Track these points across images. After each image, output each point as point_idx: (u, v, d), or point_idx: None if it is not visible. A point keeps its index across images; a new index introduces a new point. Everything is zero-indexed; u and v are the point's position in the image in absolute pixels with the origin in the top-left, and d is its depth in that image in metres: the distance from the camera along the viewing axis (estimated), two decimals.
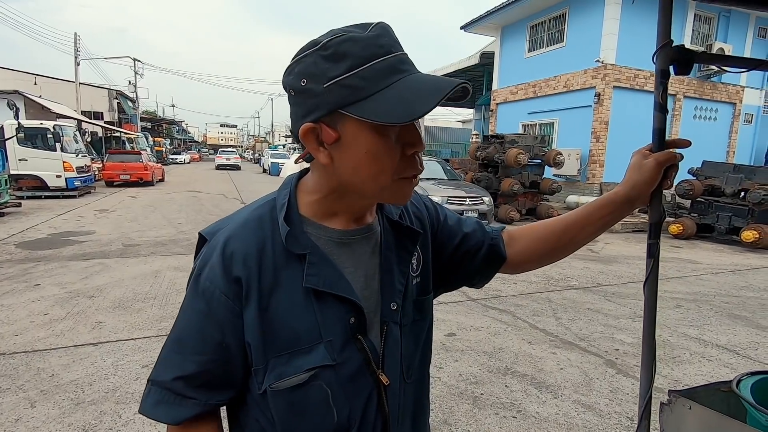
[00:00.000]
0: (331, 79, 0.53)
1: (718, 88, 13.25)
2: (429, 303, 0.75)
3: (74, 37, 23.04)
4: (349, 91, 0.53)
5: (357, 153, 0.56)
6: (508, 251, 0.82)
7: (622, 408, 2.57)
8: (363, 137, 0.55)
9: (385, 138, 0.56)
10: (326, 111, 0.55)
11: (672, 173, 0.74)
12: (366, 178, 0.58)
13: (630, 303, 4.55)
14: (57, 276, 4.82)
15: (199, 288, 0.61)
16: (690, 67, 0.73)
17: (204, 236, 0.65)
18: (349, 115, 0.54)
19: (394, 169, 0.58)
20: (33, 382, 2.66)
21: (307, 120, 0.56)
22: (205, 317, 0.60)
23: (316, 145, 0.58)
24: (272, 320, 0.60)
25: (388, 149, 0.56)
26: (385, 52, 0.54)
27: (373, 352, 0.64)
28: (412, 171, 0.59)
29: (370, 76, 0.53)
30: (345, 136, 0.56)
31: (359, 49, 0.53)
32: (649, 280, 0.77)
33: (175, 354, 0.61)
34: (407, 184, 0.60)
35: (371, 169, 0.57)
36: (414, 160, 0.59)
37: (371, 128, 0.55)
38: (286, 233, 0.61)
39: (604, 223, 0.78)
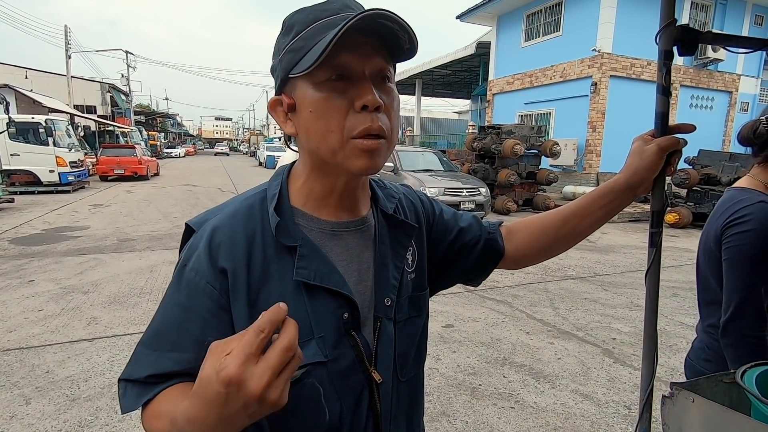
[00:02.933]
0: (282, 49, 0.57)
1: (714, 76, 13.21)
2: (425, 300, 0.73)
3: (65, 30, 22.67)
4: (293, 54, 0.55)
5: (305, 114, 0.56)
6: (506, 246, 0.79)
7: (620, 397, 2.58)
8: (308, 96, 0.55)
9: (327, 93, 0.55)
10: (281, 79, 0.57)
11: (675, 159, 0.72)
12: (317, 141, 0.56)
13: (627, 292, 4.56)
14: (51, 272, 4.78)
15: (183, 279, 0.58)
16: (695, 47, 0.70)
17: (191, 227, 0.62)
18: (294, 77, 0.56)
19: (341, 127, 0.54)
20: (28, 379, 2.64)
21: (275, 93, 0.60)
22: (187, 311, 0.57)
23: (283, 117, 0.60)
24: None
25: (331, 105, 0.54)
26: (330, 15, 0.55)
27: (366, 349, 0.62)
28: (361, 126, 0.54)
29: (309, 35, 0.54)
30: (297, 100, 0.57)
31: (304, 15, 0.56)
32: (651, 270, 0.75)
33: (151, 350, 0.57)
34: (361, 144, 0.54)
35: (318, 128, 0.55)
36: (365, 115, 0.54)
37: (314, 85, 0.55)
38: (276, 224, 0.58)
39: (606, 212, 0.75)
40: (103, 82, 27.34)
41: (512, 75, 14.83)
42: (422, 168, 8.58)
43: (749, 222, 1.08)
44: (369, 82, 0.55)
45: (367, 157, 0.55)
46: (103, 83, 27.11)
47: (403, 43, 0.55)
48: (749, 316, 1.07)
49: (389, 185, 0.75)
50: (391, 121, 0.58)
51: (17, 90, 15.18)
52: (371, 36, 0.54)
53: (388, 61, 0.57)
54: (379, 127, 0.55)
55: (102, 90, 26.78)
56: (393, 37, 0.54)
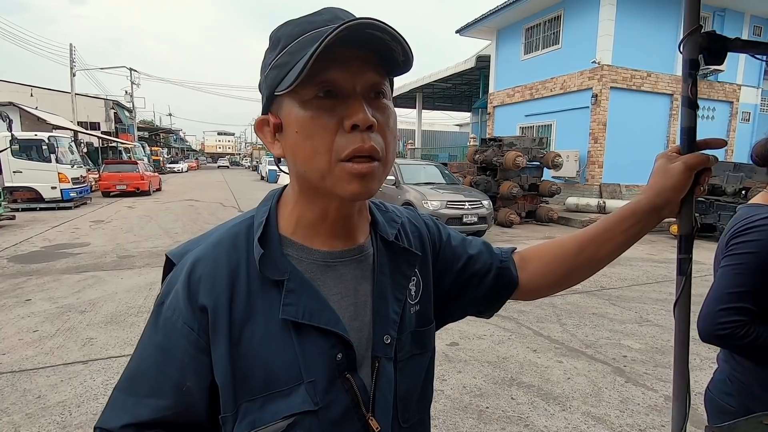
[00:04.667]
0: (268, 66, 0.52)
1: (714, 87, 13.22)
2: (430, 335, 0.65)
3: (70, 48, 23.03)
4: (277, 71, 0.50)
5: (291, 135, 0.51)
6: (520, 275, 0.71)
7: (634, 420, 2.47)
8: (294, 115, 0.50)
9: (313, 113, 0.49)
10: (266, 97, 0.53)
11: (705, 178, 0.65)
12: (304, 163, 0.51)
13: (635, 307, 4.45)
14: (49, 290, 4.70)
15: (160, 318, 0.53)
16: (723, 56, 0.64)
17: (171, 259, 0.56)
18: (280, 95, 0.50)
19: (329, 149, 0.49)
20: (18, 405, 2.55)
21: (262, 113, 0.55)
22: (164, 353, 0.51)
23: (270, 138, 0.54)
24: (244, 357, 0.51)
25: (318, 124, 0.49)
26: (317, 27, 0.49)
27: (362, 393, 0.54)
28: (349, 147, 0.48)
29: (294, 50, 0.49)
30: (283, 119, 0.52)
31: (291, 28, 0.51)
32: (680, 301, 0.68)
33: (128, 396, 0.52)
34: (350, 168, 0.49)
35: (305, 150, 0.50)
36: (354, 135, 0.48)
37: (300, 103, 0.50)
38: (261, 256, 0.52)
39: (628, 237, 0.67)
40: (107, 98, 27.68)
41: (512, 87, 14.89)
42: (424, 181, 8.54)
43: (758, 232, 1.01)
44: (360, 99, 0.49)
45: (358, 181, 0.49)
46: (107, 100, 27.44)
47: (398, 56, 0.49)
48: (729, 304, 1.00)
49: (391, 208, 0.69)
50: (387, 141, 0.51)
51: (21, 108, 15.33)
52: (362, 49, 0.48)
53: (382, 75, 0.51)
54: (371, 147, 0.49)
55: (106, 107, 27.09)
56: (386, 49, 0.48)
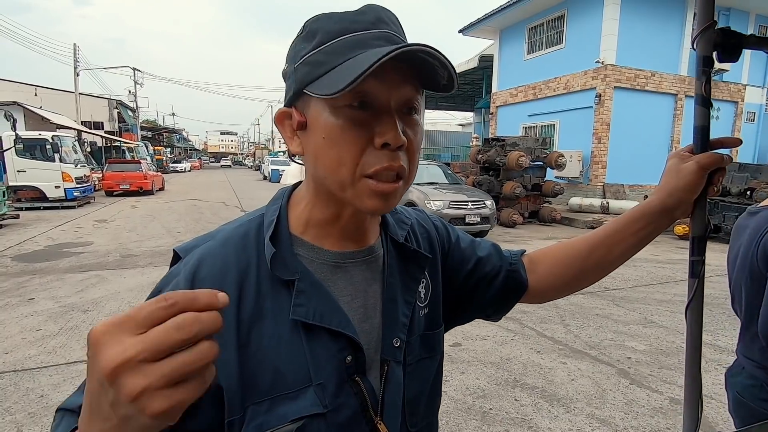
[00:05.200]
0: (301, 58, 0.49)
1: (719, 86, 13.14)
2: (439, 338, 0.64)
3: (73, 48, 23.12)
4: (311, 67, 0.48)
5: (317, 138, 0.49)
6: (529, 278, 0.70)
7: (639, 422, 2.45)
8: (322, 119, 0.48)
9: (345, 121, 0.47)
10: (293, 91, 0.50)
11: (718, 178, 0.63)
12: (326, 171, 0.49)
13: (639, 308, 4.42)
14: (52, 289, 4.71)
15: None
16: (738, 52, 0.62)
17: (178, 253, 0.55)
18: (310, 95, 0.48)
19: (355, 162, 0.48)
20: (21, 404, 2.55)
21: (284, 104, 0.53)
22: None
23: (290, 133, 0.53)
24: (253, 358, 0.49)
25: (348, 135, 0.47)
26: (361, 28, 0.47)
27: (371, 397, 0.53)
28: (377, 165, 0.47)
29: (333, 50, 0.47)
30: (309, 119, 0.50)
31: (331, 24, 0.48)
32: (692, 304, 0.66)
33: None
34: (374, 186, 0.48)
35: (329, 158, 0.48)
36: (385, 154, 0.47)
37: (331, 109, 0.47)
38: (272, 255, 0.51)
39: (639, 239, 0.66)
40: (111, 98, 27.75)
41: (515, 87, 14.86)
42: (426, 181, 8.52)
43: None
44: (394, 115, 0.48)
45: (380, 199, 0.49)
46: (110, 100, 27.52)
47: (440, 79, 0.48)
48: None
49: (400, 209, 0.68)
50: (412, 159, 0.51)
51: (26, 107, 15.38)
52: (403, 62, 0.46)
53: (418, 89, 0.50)
54: (400, 167, 0.48)
55: (109, 106, 27.17)
56: (430, 69, 0.47)
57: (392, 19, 0.50)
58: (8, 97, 16.94)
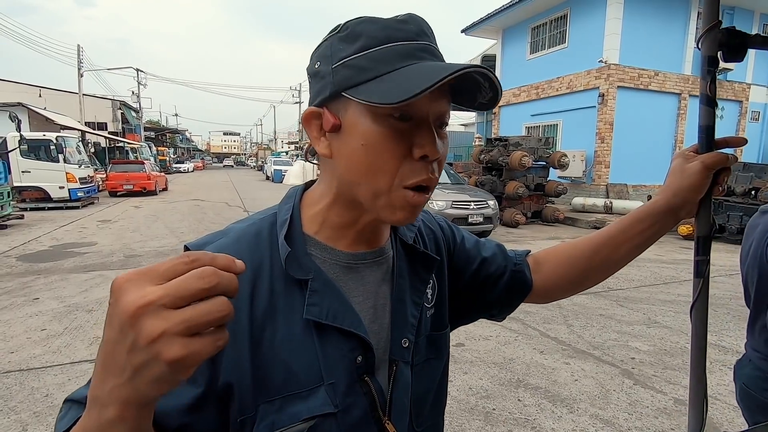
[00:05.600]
0: (341, 60, 0.48)
1: (723, 86, 13.08)
2: (445, 339, 0.64)
3: (77, 49, 23.22)
4: (354, 71, 0.47)
5: (354, 143, 0.48)
6: (534, 278, 0.70)
7: (643, 423, 2.44)
8: (362, 125, 0.48)
9: (387, 130, 0.47)
10: (329, 93, 0.49)
11: (724, 178, 0.63)
12: (360, 177, 0.49)
13: (643, 308, 4.40)
14: (56, 289, 4.74)
15: None
16: (743, 52, 0.62)
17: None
18: (351, 99, 0.47)
19: (394, 172, 0.48)
20: (26, 403, 2.56)
21: (312, 105, 0.52)
22: None
23: (317, 133, 0.52)
24: (265, 357, 0.50)
25: (388, 143, 0.47)
26: (404, 38, 0.47)
27: (380, 397, 0.54)
28: (416, 177, 0.48)
29: (379, 57, 0.47)
30: (345, 123, 0.49)
31: (375, 29, 0.48)
32: (697, 304, 0.66)
33: None
34: (411, 197, 0.49)
35: (366, 166, 0.48)
36: (422, 165, 0.49)
37: (372, 116, 0.47)
38: (287, 254, 0.51)
39: (645, 238, 0.66)
40: (114, 99, 27.87)
41: (518, 87, 14.83)
42: None
43: None
44: (432, 128, 0.48)
45: (410, 211, 0.50)
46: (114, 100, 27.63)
47: (481, 98, 0.50)
48: None
49: None
50: (440, 171, 0.52)
51: (30, 108, 15.47)
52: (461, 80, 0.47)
53: (450, 102, 0.51)
54: (436, 180, 0.50)
55: (113, 107, 27.28)
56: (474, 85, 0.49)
57: (431, 32, 0.51)
58: (13, 98, 17.03)
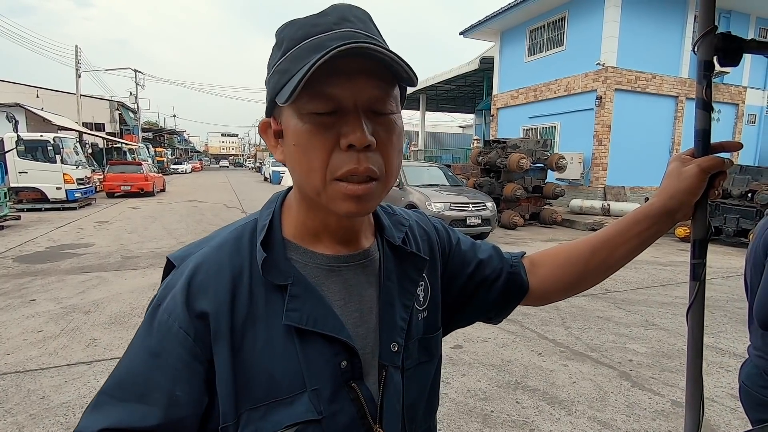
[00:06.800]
0: (271, 68, 0.51)
1: (720, 89, 13.15)
2: (437, 342, 0.64)
3: (75, 50, 23.18)
4: (278, 76, 0.49)
5: (289, 146, 0.50)
6: (530, 280, 0.70)
7: (641, 425, 2.44)
8: (292, 126, 0.49)
9: (311, 127, 0.47)
10: (268, 101, 0.52)
11: (719, 181, 0.64)
12: (301, 177, 0.50)
13: (641, 310, 4.41)
14: (53, 291, 4.72)
15: (155, 321, 0.50)
16: (738, 57, 0.62)
17: (171, 261, 0.55)
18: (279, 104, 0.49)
19: (323, 166, 0.47)
20: (22, 405, 2.55)
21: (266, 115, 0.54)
22: (156, 358, 0.49)
23: (273, 142, 0.53)
24: (246, 364, 0.50)
25: (314, 140, 0.47)
26: (320, 31, 0.47)
27: (369, 403, 0.53)
28: (345, 168, 0.47)
29: (294, 57, 0.48)
30: (283, 127, 0.51)
31: (293, 30, 0.49)
32: (693, 307, 0.66)
33: (113, 400, 0.49)
34: (344, 188, 0.48)
35: (301, 164, 0.49)
36: (350, 156, 0.47)
37: (298, 115, 0.48)
38: (263, 260, 0.51)
39: (641, 241, 0.66)
40: (112, 100, 27.82)
41: (516, 89, 14.87)
42: (427, 183, 8.52)
43: None
44: (359, 116, 0.47)
45: (353, 201, 0.48)
46: (112, 101, 27.59)
47: (402, 73, 0.47)
48: None
49: (398, 211, 0.67)
50: (388, 158, 0.50)
51: (27, 108, 15.42)
52: (368, 59, 0.46)
53: (389, 85, 0.49)
54: (367, 168, 0.47)
55: (111, 108, 27.24)
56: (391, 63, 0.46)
57: (359, 17, 0.49)
58: (10, 98, 16.98)
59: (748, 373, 1.19)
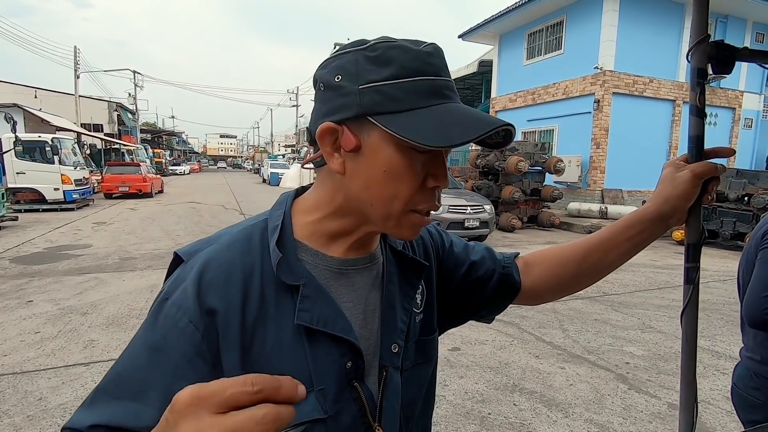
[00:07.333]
0: (370, 83, 0.48)
1: (717, 93, 13.23)
2: (433, 344, 0.66)
3: (74, 51, 23.16)
4: (384, 98, 0.48)
5: (374, 168, 0.49)
6: (523, 280, 0.72)
7: (637, 427, 2.45)
8: (386, 153, 0.49)
9: (409, 161, 0.49)
10: (354, 114, 0.48)
11: (713, 187, 0.65)
12: (376, 200, 0.50)
13: (638, 313, 4.43)
14: (51, 292, 4.71)
15: (161, 314, 0.49)
16: (731, 65, 0.64)
17: (180, 256, 0.54)
18: (377, 125, 0.48)
19: (409, 198, 0.50)
20: (19, 407, 2.54)
21: (329, 119, 0.50)
22: (158, 354, 0.48)
23: (331, 149, 0.51)
24: (255, 363, 0.50)
25: (409, 173, 0.50)
26: (433, 72, 0.49)
27: (369, 402, 0.54)
28: (426, 204, 0.52)
29: (411, 89, 0.48)
30: (366, 146, 0.49)
31: (407, 59, 0.48)
32: (687, 310, 0.68)
33: (108, 397, 0.48)
34: (418, 220, 0.53)
35: (385, 190, 0.50)
36: (433, 194, 0.53)
37: (397, 146, 0.49)
38: (278, 260, 0.51)
39: (634, 244, 0.68)
40: (111, 101, 27.77)
41: (515, 92, 14.93)
42: None
43: None
44: (445, 160, 0.52)
45: (416, 230, 0.54)
46: (110, 102, 27.54)
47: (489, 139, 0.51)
48: None
49: None
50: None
51: (25, 109, 15.39)
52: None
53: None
54: (439, 205, 0.54)
55: (109, 109, 27.19)
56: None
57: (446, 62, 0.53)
58: (8, 99, 16.94)
59: (740, 374, 1.22)
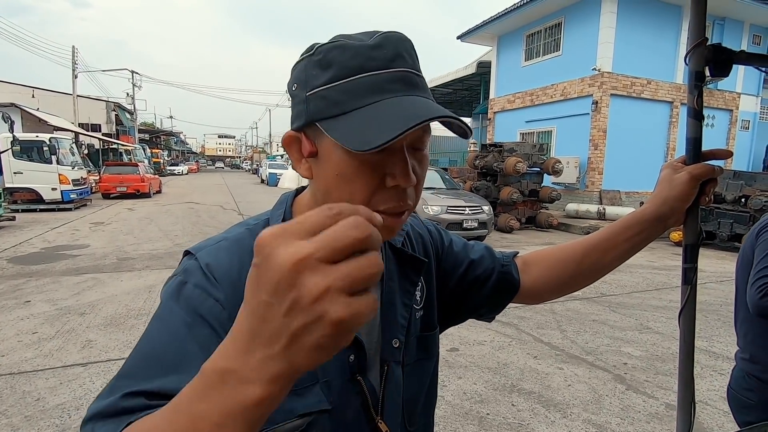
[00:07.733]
0: (314, 88, 0.49)
1: (714, 95, 13.28)
2: (434, 340, 0.67)
3: (72, 51, 23.11)
4: (325, 103, 0.48)
5: (329, 173, 0.50)
6: (522, 278, 0.73)
7: (635, 428, 2.46)
8: (336, 157, 0.48)
9: (359, 162, 0.47)
10: (304, 121, 0.50)
11: (710, 188, 0.66)
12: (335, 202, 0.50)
13: (636, 314, 4.44)
14: (48, 292, 4.70)
15: (181, 296, 0.48)
16: (728, 68, 0.65)
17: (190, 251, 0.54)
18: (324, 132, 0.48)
19: (366, 200, 0.48)
20: (17, 407, 2.54)
21: (292, 127, 0.52)
22: (190, 328, 0.45)
23: (297, 155, 0.53)
24: None
25: (360, 176, 0.48)
26: (377, 67, 0.47)
27: (372, 396, 0.55)
28: (388, 204, 0.49)
29: (351, 89, 0.47)
30: (321, 151, 0.50)
31: (347, 58, 0.47)
32: (685, 311, 0.68)
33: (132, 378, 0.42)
34: (386, 221, 0.49)
35: (340, 194, 0.49)
36: (395, 193, 0.49)
37: (343, 149, 0.47)
38: None
39: (632, 245, 0.69)
40: (109, 101, 27.72)
41: (513, 94, 14.95)
42: (424, 186, 8.51)
43: None
44: (405, 156, 0.48)
45: (386, 232, 0.50)
46: (108, 102, 27.50)
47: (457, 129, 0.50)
48: None
49: None
50: (418, 191, 0.52)
51: (23, 108, 15.35)
52: None
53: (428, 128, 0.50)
54: (407, 205, 0.50)
55: (107, 108, 27.15)
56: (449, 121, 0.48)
57: (409, 51, 0.50)
58: (6, 98, 16.90)
59: (735, 376, 1.24)
